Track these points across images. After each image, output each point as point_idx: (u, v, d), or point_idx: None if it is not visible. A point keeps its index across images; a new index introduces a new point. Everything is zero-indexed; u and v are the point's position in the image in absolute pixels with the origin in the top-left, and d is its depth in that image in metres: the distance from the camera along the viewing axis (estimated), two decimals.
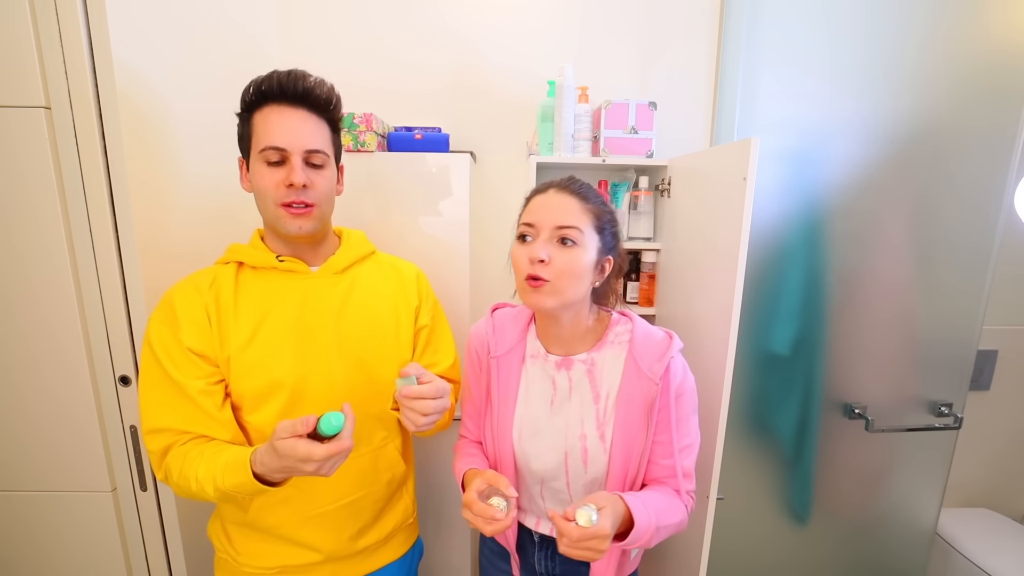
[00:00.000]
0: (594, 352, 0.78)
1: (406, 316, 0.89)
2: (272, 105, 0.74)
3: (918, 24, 1.19)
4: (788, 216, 1.24)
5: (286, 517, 0.80)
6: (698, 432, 0.80)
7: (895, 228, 1.25)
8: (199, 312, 0.75)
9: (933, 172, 1.22)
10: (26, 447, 0.88)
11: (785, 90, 1.25)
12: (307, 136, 0.75)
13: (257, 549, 0.81)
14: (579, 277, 0.72)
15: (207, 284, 0.77)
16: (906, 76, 1.20)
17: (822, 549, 1.39)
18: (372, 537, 0.88)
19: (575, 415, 0.78)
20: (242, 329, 0.76)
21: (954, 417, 1.27)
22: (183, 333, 0.73)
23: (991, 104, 1.18)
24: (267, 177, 0.74)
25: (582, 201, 0.73)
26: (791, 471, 1.34)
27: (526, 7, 1.34)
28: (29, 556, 0.92)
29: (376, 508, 0.88)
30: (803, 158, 1.24)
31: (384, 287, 0.88)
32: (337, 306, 0.82)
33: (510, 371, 0.82)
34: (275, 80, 0.74)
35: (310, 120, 0.76)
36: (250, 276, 0.80)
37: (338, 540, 0.83)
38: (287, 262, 0.80)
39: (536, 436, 0.79)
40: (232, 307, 0.77)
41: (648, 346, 0.76)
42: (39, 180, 0.78)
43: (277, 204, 0.74)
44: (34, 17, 0.74)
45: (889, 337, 1.28)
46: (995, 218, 1.20)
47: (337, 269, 0.84)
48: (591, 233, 0.72)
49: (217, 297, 0.76)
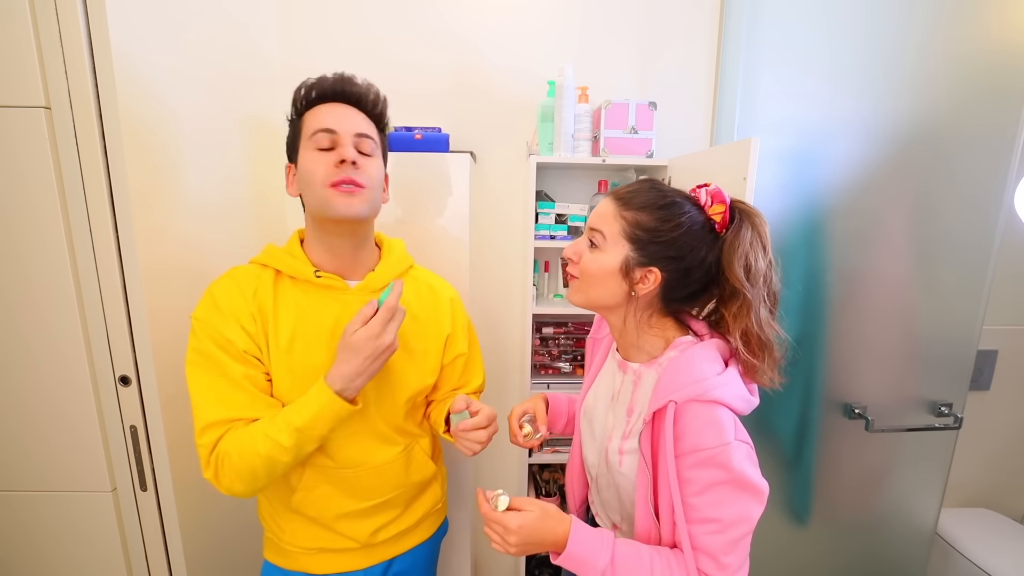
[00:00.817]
0: (644, 367, 0.75)
1: (436, 341, 0.91)
2: (325, 103, 0.78)
3: (918, 24, 1.19)
4: (788, 216, 1.24)
5: (324, 511, 0.83)
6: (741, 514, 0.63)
7: (895, 228, 1.25)
8: (245, 315, 0.75)
9: (933, 172, 1.22)
10: (26, 447, 0.88)
11: (785, 90, 1.25)
12: (358, 121, 0.79)
13: (300, 531, 0.85)
14: (598, 279, 0.72)
15: (251, 290, 0.77)
16: (906, 76, 1.20)
17: (822, 549, 1.39)
18: (403, 524, 0.92)
19: (613, 418, 0.78)
20: (281, 341, 0.77)
21: (954, 417, 1.26)
22: (230, 331, 0.74)
23: (991, 104, 1.18)
24: (317, 160, 0.75)
25: (621, 207, 0.71)
26: (791, 471, 1.34)
27: (526, 7, 1.34)
28: (29, 556, 0.92)
29: (408, 503, 0.92)
30: (803, 158, 1.24)
31: (419, 311, 0.89)
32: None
33: (597, 355, 0.89)
34: (327, 82, 0.78)
35: (359, 114, 0.80)
36: (288, 286, 0.80)
37: (372, 532, 0.87)
38: (324, 278, 0.79)
39: (595, 416, 0.83)
40: (273, 317, 0.77)
41: (675, 376, 0.66)
42: (39, 180, 0.78)
43: (326, 185, 0.75)
44: (34, 17, 0.74)
45: (889, 337, 1.28)
46: (995, 217, 1.20)
47: (375, 288, 0.83)
48: (618, 239, 0.70)
49: (260, 306, 0.77)
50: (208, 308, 0.75)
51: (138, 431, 0.88)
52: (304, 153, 0.76)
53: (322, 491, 0.82)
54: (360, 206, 0.77)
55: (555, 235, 1.30)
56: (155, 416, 0.87)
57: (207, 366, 0.73)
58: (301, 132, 0.78)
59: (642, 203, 0.70)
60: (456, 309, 0.95)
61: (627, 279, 0.70)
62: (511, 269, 1.48)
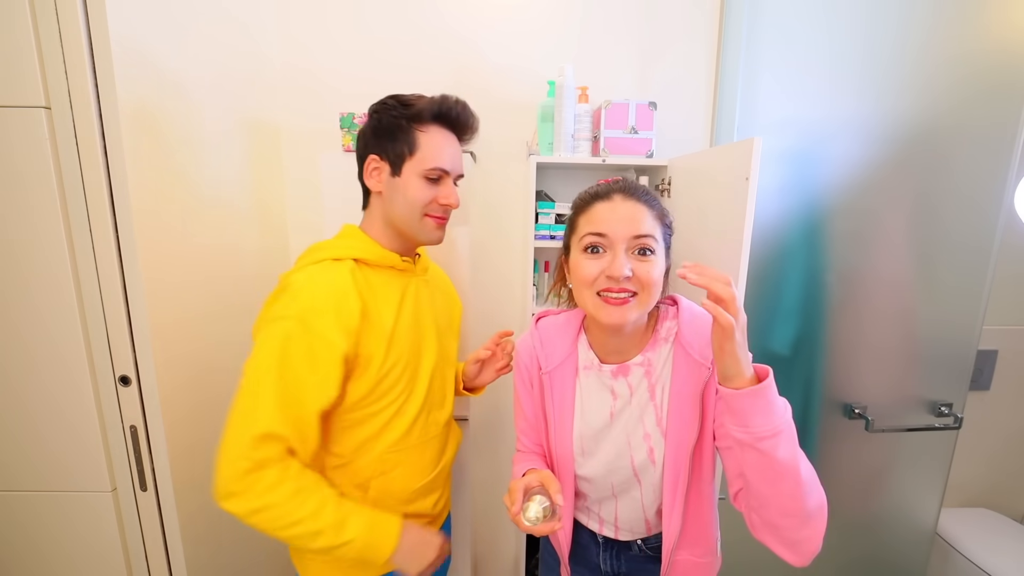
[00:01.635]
0: (649, 352, 0.76)
1: (457, 316, 1.05)
2: (441, 127, 0.83)
3: (918, 24, 1.19)
4: (788, 216, 1.24)
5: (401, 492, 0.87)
6: None
7: (895, 228, 1.25)
8: (355, 314, 0.75)
9: (933, 172, 1.22)
10: (25, 447, 0.88)
11: (785, 90, 1.25)
12: (461, 162, 0.87)
13: None
14: (659, 287, 0.70)
15: (353, 285, 0.77)
16: (906, 76, 1.20)
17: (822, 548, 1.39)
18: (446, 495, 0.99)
19: (635, 419, 0.76)
20: (387, 323, 0.80)
21: (954, 417, 1.27)
22: (337, 337, 0.73)
23: (991, 104, 1.18)
24: (425, 190, 0.82)
25: (650, 207, 0.69)
26: None
27: (526, 7, 1.34)
28: (29, 557, 0.92)
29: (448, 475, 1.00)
30: (803, 158, 1.24)
31: (445, 288, 1.03)
32: (431, 301, 0.93)
33: (564, 385, 0.79)
34: (455, 110, 0.83)
35: (460, 148, 0.87)
36: (369, 273, 0.82)
37: (434, 503, 0.93)
38: (407, 261, 0.88)
39: (598, 450, 0.77)
40: (374, 303, 0.80)
41: (695, 331, 0.73)
42: (39, 180, 0.78)
43: (425, 215, 0.83)
44: (34, 17, 0.74)
45: (889, 337, 1.28)
46: (995, 218, 1.20)
47: (423, 270, 0.94)
48: (661, 239, 0.70)
49: (364, 296, 0.78)
50: (303, 303, 0.72)
51: (138, 431, 0.88)
52: (412, 177, 0.81)
53: (398, 472, 0.86)
54: (444, 234, 0.88)
55: (555, 235, 1.30)
56: (155, 416, 0.87)
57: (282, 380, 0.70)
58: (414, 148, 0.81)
59: (654, 199, 0.72)
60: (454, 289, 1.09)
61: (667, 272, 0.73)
62: (511, 269, 1.48)
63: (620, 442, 0.76)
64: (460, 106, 0.84)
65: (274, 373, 0.70)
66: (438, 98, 0.82)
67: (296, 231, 1.40)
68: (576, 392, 0.79)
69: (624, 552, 0.85)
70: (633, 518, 0.81)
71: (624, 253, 0.67)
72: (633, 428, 0.76)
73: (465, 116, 0.84)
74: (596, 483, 0.80)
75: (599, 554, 0.87)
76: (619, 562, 0.86)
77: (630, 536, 0.83)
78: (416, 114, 0.81)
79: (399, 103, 0.82)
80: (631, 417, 0.76)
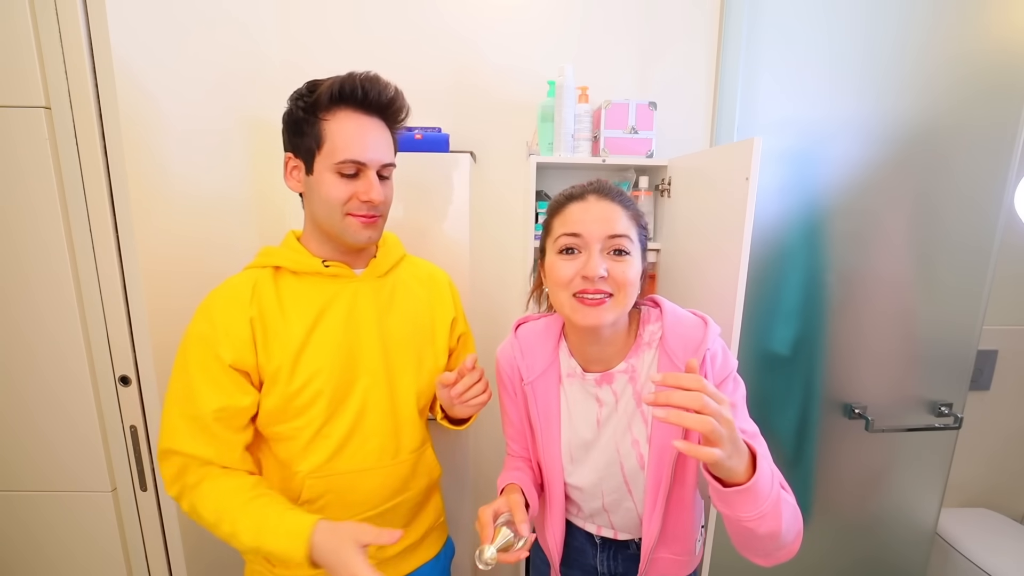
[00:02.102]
0: (632, 359, 0.75)
1: (442, 325, 0.90)
2: (348, 111, 0.73)
3: (918, 24, 1.19)
4: (788, 216, 1.24)
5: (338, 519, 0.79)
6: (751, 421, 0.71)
7: (895, 228, 1.25)
8: (242, 325, 0.72)
9: (933, 172, 1.22)
10: (25, 447, 0.88)
11: (785, 90, 1.25)
12: (383, 149, 0.76)
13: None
14: (635, 287, 0.69)
15: (248, 295, 0.74)
16: (906, 76, 1.20)
17: (822, 549, 1.39)
18: (408, 539, 0.87)
19: (623, 425, 0.75)
20: (293, 336, 0.74)
21: (954, 417, 1.26)
22: (222, 348, 0.71)
23: (991, 104, 1.18)
24: (339, 188, 0.73)
25: (625, 207, 0.70)
26: (791, 471, 1.34)
27: (526, 7, 1.34)
28: (28, 557, 0.92)
29: (412, 512, 0.88)
30: (803, 158, 1.24)
31: (421, 292, 0.89)
32: (381, 311, 0.82)
33: (548, 394, 0.78)
34: (358, 85, 0.72)
35: (384, 131, 0.77)
36: (291, 281, 0.78)
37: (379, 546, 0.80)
38: (333, 267, 0.79)
39: (587, 459, 0.77)
40: (280, 314, 0.74)
41: (680, 338, 0.72)
42: (39, 180, 0.78)
43: (345, 215, 0.75)
44: (34, 17, 0.74)
45: (889, 337, 1.28)
46: (995, 218, 1.20)
47: (380, 273, 0.84)
48: (637, 240, 0.70)
49: (261, 307, 0.74)
50: (201, 323, 0.73)
51: (138, 431, 0.88)
52: (323, 173, 0.73)
53: (324, 502, 0.78)
54: (377, 233, 0.79)
55: None
56: (155, 416, 0.87)
57: (184, 389, 0.71)
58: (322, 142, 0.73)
59: (628, 198, 0.72)
60: (454, 292, 0.96)
61: (643, 274, 0.72)
62: (511, 269, 1.48)
63: (610, 450, 0.76)
64: (366, 81, 0.72)
65: (176, 389, 0.72)
66: (339, 78, 0.71)
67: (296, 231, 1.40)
68: (561, 401, 0.78)
69: (622, 551, 0.85)
70: (627, 520, 0.81)
71: (599, 253, 0.67)
72: (622, 436, 0.75)
73: (375, 91, 0.72)
74: (587, 491, 0.79)
75: (596, 555, 0.87)
76: (616, 562, 0.86)
77: (628, 536, 0.84)
78: (315, 102, 0.71)
79: (306, 90, 0.73)
80: (619, 425, 0.76)
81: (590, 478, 0.78)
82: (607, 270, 0.66)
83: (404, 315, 0.85)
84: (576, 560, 0.88)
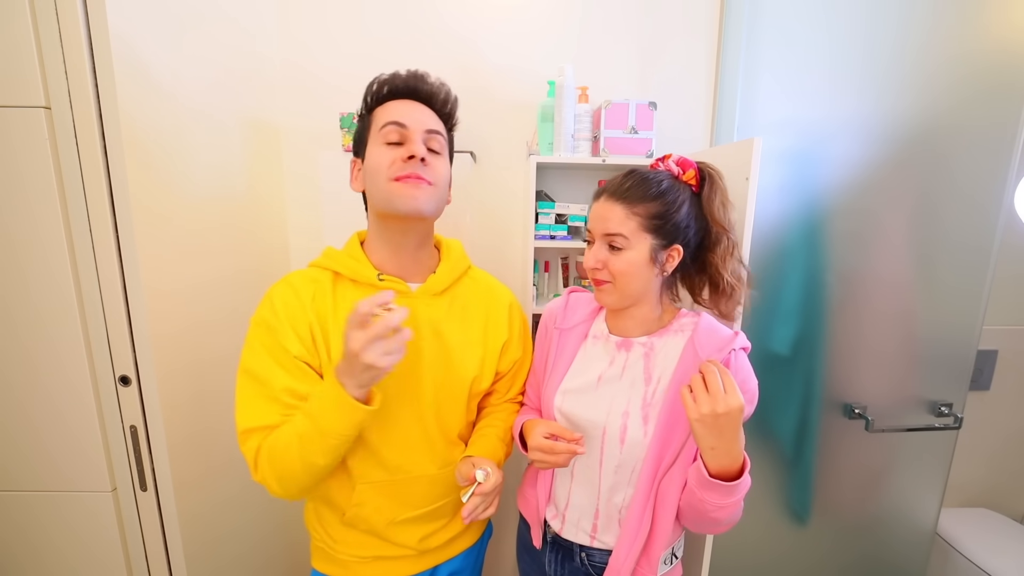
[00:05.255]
0: (654, 337, 0.81)
1: (493, 347, 0.88)
2: (395, 100, 0.78)
3: (918, 24, 1.19)
4: (788, 216, 1.24)
5: (377, 521, 0.83)
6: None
7: (895, 228, 1.25)
8: (303, 326, 0.74)
9: (933, 172, 1.22)
10: (25, 447, 0.88)
11: (785, 90, 1.25)
12: (429, 118, 0.78)
13: (354, 541, 0.85)
14: (633, 275, 0.76)
15: (309, 297, 0.76)
16: (906, 76, 1.20)
17: (822, 549, 1.39)
18: (452, 530, 0.90)
19: (623, 394, 0.80)
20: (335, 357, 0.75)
21: (954, 417, 1.26)
22: (287, 341, 0.73)
23: (991, 104, 1.18)
24: (384, 154, 0.74)
25: (628, 206, 0.75)
26: (791, 471, 1.34)
27: (526, 7, 1.34)
28: (28, 557, 0.92)
29: (456, 509, 0.90)
30: (803, 158, 1.24)
31: (477, 313, 0.87)
32: (432, 329, 0.81)
33: (569, 344, 0.87)
34: (399, 79, 0.78)
35: (430, 111, 0.80)
36: (349, 289, 0.79)
37: (422, 539, 0.86)
38: (387, 281, 0.79)
39: (578, 404, 0.82)
40: (335, 323, 0.76)
41: (710, 336, 0.77)
42: (39, 180, 0.78)
43: (391, 179, 0.74)
44: (34, 17, 0.74)
45: (889, 337, 1.28)
46: (995, 218, 1.20)
47: (437, 291, 0.82)
48: (639, 234, 0.75)
49: (319, 313, 0.76)
50: (265, 311, 0.75)
51: (138, 431, 0.88)
52: (372, 148, 0.76)
53: (374, 505, 0.81)
54: (425, 202, 0.75)
55: (555, 235, 1.30)
56: (155, 416, 0.87)
57: (253, 374, 0.73)
58: (371, 127, 0.77)
59: (644, 195, 0.75)
60: (514, 314, 0.92)
61: (656, 264, 0.77)
62: (511, 269, 1.48)
63: (603, 407, 0.80)
64: (409, 73, 0.78)
65: (246, 369, 0.74)
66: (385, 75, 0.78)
67: (296, 231, 1.40)
68: (579, 353, 0.87)
69: (568, 561, 0.87)
70: (584, 504, 0.83)
71: (601, 246, 0.77)
72: (617, 402, 0.79)
73: (415, 80, 0.78)
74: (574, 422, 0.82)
75: (546, 555, 0.89)
76: (563, 570, 0.88)
77: (574, 532, 0.84)
78: (370, 103, 0.79)
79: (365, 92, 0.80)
80: (619, 389, 0.80)
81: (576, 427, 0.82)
82: (602, 261, 0.77)
83: (455, 336, 0.83)
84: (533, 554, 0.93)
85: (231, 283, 1.10)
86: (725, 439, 0.66)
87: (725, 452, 0.67)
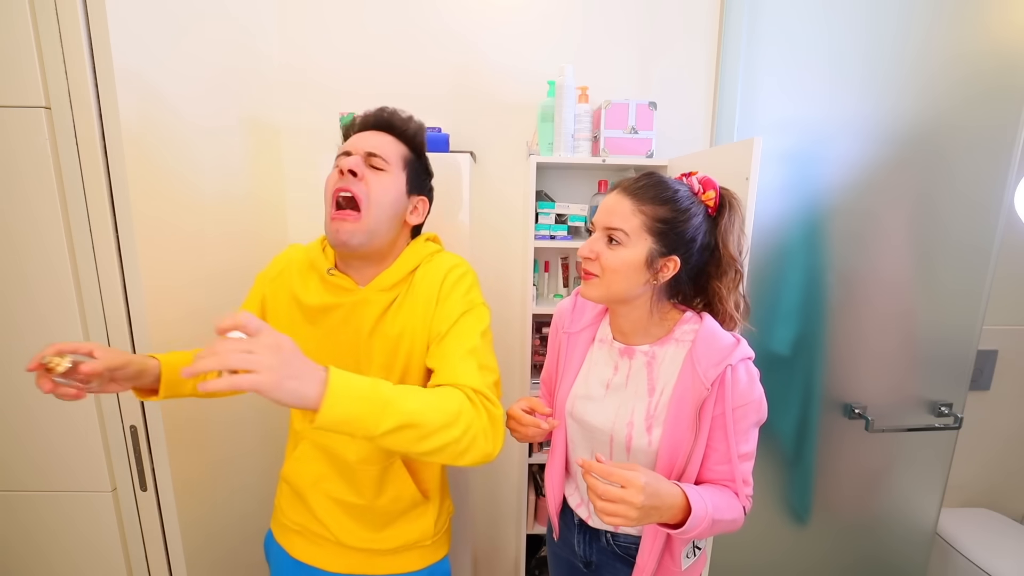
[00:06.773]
0: (656, 346, 0.80)
1: (423, 328, 0.79)
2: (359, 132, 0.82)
3: (918, 24, 1.19)
4: (788, 216, 1.24)
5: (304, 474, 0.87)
6: (755, 441, 0.77)
7: (895, 228, 1.25)
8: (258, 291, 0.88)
9: (933, 172, 1.22)
10: (25, 447, 0.88)
11: (785, 90, 1.25)
12: (373, 141, 0.79)
13: (286, 502, 0.91)
14: (623, 274, 0.75)
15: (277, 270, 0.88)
16: (906, 76, 1.20)
17: (822, 549, 1.39)
18: (376, 542, 0.87)
19: (628, 403, 0.80)
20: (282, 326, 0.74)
21: (954, 417, 1.26)
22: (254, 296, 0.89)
23: (991, 104, 1.18)
24: (331, 177, 0.78)
25: (637, 203, 0.74)
26: (791, 471, 1.34)
27: (526, 7, 1.34)
28: (29, 557, 0.92)
29: (383, 520, 0.87)
30: (803, 158, 1.24)
31: (419, 299, 0.80)
32: (371, 325, 0.79)
33: (578, 348, 0.88)
34: (369, 115, 0.83)
35: (386, 136, 0.81)
36: (313, 276, 0.84)
37: (345, 528, 0.86)
38: (336, 277, 0.80)
39: (588, 409, 0.83)
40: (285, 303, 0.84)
41: (708, 349, 0.74)
42: (39, 180, 0.78)
43: (331, 205, 0.76)
44: (34, 17, 0.74)
45: (889, 337, 1.28)
46: (995, 218, 1.20)
47: (384, 287, 0.80)
48: (641, 234, 0.74)
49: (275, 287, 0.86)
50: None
51: (138, 431, 0.88)
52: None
53: (303, 450, 0.86)
54: (354, 234, 0.74)
55: (555, 235, 1.30)
56: (155, 416, 0.87)
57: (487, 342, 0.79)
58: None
59: (655, 197, 0.74)
60: (446, 282, 0.80)
61: (650, 269, 0.75)
62: (511, 269, 1.48)
63: (610, 414, 0.81)
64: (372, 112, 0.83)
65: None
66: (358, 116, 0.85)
67: (295, 230, 1.40)
68: (587, 357, 0.88)
69: (595, 542, 0.89)
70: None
71: (600, 238, 0.77)
72: (622, 411, 0.80)
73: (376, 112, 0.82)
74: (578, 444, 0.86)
75: (575, 536, 0.91)
76: (591, 550, 0.90)
77: (598, 521, 0.86)
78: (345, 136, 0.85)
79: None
80: (625, 398, 0.80)
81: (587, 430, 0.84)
82: (596, 253, 0.76)
83: (392, 329, 0.79)
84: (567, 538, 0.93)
85: (231, 282, 1.10)
86: (658, 510, 0.66)
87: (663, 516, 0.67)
